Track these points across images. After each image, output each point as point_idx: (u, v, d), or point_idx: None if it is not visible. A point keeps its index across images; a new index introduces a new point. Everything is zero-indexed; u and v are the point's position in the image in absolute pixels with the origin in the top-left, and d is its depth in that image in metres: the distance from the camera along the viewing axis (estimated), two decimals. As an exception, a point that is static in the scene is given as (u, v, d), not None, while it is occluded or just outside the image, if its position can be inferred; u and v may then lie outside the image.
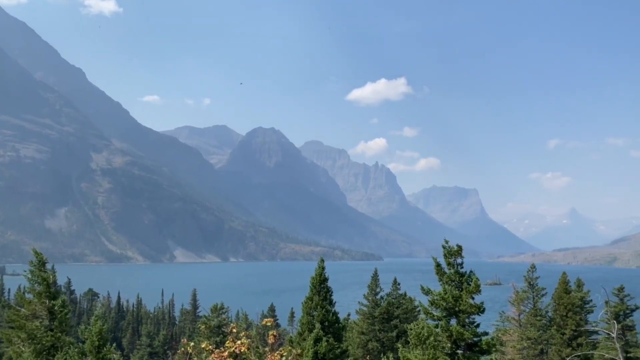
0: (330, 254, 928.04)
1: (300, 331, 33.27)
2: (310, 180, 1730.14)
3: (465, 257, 24.81)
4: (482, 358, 22.88)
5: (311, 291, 32.66)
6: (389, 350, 48.82)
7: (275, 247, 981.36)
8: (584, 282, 52.85)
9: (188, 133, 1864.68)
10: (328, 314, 31.68)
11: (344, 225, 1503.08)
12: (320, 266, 32.76)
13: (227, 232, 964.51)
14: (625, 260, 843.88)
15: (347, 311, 70.35)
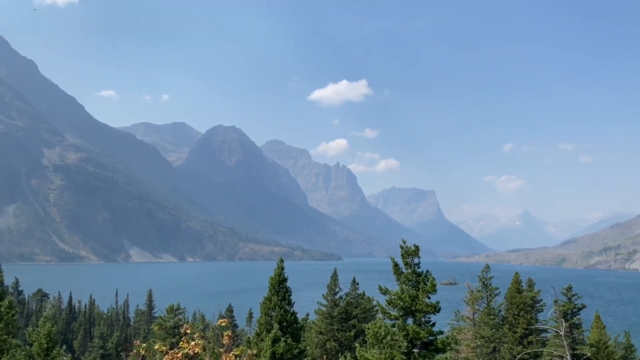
0: (290, 254, 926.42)
1: (258, 331, 33.02)
2: (271, 179, 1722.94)
3: (422, 257, 25.20)
4: (437, 357, 23.27)
5: (270, 291, 32.45)
6: (346, 350, 49.08)
7: (235, 247, 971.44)
8: (535, 282, 54.55)
9: (145, 130, 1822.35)
10: (286, 314, 31.55)
11: (304, 225, 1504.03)
12: (280, 266, 32.60)
13: (184, 232, 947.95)
14: (573, 261, 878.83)
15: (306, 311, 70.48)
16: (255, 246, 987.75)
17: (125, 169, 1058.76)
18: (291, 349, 28.49)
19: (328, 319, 54.79)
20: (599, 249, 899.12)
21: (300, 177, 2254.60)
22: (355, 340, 49.97)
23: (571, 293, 46.86)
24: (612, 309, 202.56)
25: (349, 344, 51.08)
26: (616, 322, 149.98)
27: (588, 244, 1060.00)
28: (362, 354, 22.85)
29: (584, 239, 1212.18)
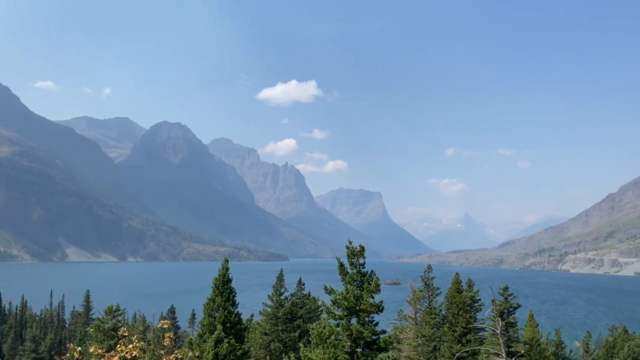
0: (236, 255, 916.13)
1: (200, 333, 32.37)
2: (218, 178, 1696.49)
3: (367, 257, 25.45)
4: (379, 356, 23.56)
5: (214, 292, 31.88)
6: (291, 351, 48.98)
7: (178, 246, 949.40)
8: (474, 282, 56.38)
9: (86, 124, 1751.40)
10: (230, 315, 31.11)
11: (251, 225, 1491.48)
12: (224, 267, 32.08)
13: (125, 231, 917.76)
14: (510, 262, 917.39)
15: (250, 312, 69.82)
16: (200, 246, 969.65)
17: (64, 165, 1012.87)
18: (234, 350, 28.11)
19: (273, 319, 54.52)
20: (534, 251, 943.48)
21: (247, 176, 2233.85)
22: (299, 340, 49.96)
23: (507, 293, 48.67)
24: (544, 308, 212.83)
25: (294, 345, 51.00)
26: (548, 320, 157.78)
27: (524, 246, 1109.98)
28: (306, 354, 22.83)
29: (520, 241, 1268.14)
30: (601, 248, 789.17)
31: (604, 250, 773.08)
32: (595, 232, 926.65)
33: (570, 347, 74.93)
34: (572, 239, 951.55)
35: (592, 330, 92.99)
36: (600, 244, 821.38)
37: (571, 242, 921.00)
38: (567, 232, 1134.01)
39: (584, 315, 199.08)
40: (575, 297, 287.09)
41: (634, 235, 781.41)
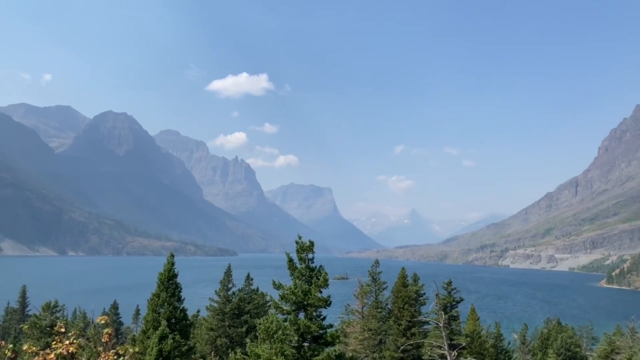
0: (183, 249, 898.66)
1: (144, 329, 31.51)
2: (165, 171, 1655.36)
3: (316, 252, 25.58)
4: (326, 350, 23.71)
5: (158, 287, 31.10)
6: (237, 346, 48.55)
7: (122, 241, 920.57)
8: (419, 277, 57.70)
9: (24, 111, 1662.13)
10: (176, 311, 30.45)
11: (198, 219, 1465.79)
12: (170, 261, 31.34)
13: (66, 224, 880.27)
14: (454, 257, 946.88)
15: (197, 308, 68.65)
16: (145, 240, 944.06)
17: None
18: (179, 346, 27.54)
19: (220, 315, 53.84)
20: (476, 247, 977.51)
21: (196, 170, 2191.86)
22: (246, 336, 49.57)
23: (451, 287, 50.05)
24: (485, 302, 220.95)
25: (241, 340, 50.58)
26: (489, 314, 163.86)
27: (467, 242, 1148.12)
28: (253, 350, 22.67)
29: (464, 237, 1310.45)
30: (539, 244, 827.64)
31: (541, 246, 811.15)
32: (534, 229, 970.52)
33: (509, 339, 78.21)
34: (512, 236, 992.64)
35: (529, 323, 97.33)
36: (538, 241, 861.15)
37: (511, 238, 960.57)
38: (507, 229, 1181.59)
39: (522, 309, 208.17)
40: (514, 291, 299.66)
41: (569, 232, 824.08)
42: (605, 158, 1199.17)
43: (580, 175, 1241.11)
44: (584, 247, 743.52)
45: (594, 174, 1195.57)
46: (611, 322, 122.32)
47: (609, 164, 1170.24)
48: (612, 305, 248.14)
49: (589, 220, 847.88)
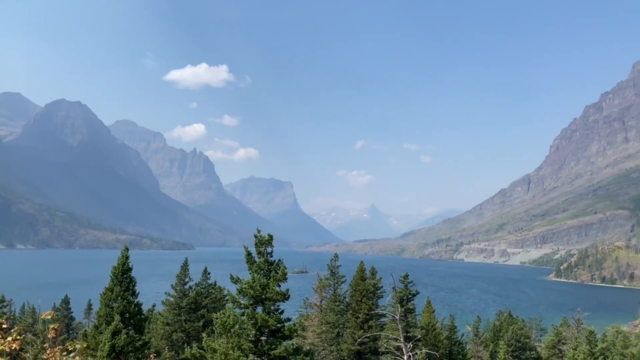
0: (138, 243, 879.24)
1: (97, 324, 30.63)
2: (120, 162, 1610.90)
3: (276, 246, 25.48)
4: (283, 343, 23.69)
5: (112, 281, 30.26)
6: (194, 341, 47.92)
7: (74, 233, 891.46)
8: (377, 271, 58.40)
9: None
10: (130, 305, 29.71)
11: (155, 212, 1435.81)
12: (124, 255, 30.53)
13: (14, 216, 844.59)
14: (411, 251, 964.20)
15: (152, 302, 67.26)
16: (99, 233, 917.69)
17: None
18: (133, 341, 26.90)
19: (176, 309, 52.96)
20: (432, 241, 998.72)
21: (152, 161, 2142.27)
22: (203, 330, 48.99)
23: (407, 281, 50.91)
24: (441, 295, 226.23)
25: (197, 335, 49.92)
26: (444, 307, 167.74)
27: (424, 236, 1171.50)
28: (209, 344, 22.39)
29: (421, 232, 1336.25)
30: (492, 239, 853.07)
31: (494, 241, 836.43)
32: (488, 225, 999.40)
33: (462, 331, 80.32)
34: (467, 230, 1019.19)
35: (482, 316, 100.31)
36: (491, 235, 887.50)
37: (466, 233, 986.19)
38: (463, 223, 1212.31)
39: (475, 302, 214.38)
40: (468, 285, 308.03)
41: (521, 227, 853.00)
42: (556, 156, 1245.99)
43: (532, 172, 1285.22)
44: (535, 242, 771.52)
45: (545, 172, 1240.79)
46: (558, 314, 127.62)
47: (559, 162, 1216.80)
48: (559, 297, 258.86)
49: (540, 216, 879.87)
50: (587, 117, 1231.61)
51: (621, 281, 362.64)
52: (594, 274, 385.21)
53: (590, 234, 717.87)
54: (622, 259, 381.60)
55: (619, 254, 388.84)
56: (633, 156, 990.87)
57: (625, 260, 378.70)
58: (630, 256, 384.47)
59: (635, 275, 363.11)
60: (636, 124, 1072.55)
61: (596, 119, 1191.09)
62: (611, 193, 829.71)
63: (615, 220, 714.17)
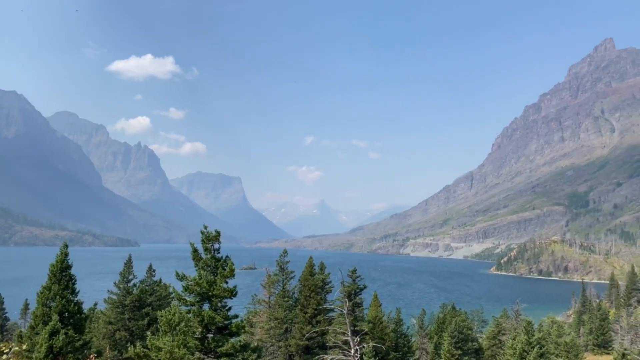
0: (79, 239, 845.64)
1: (33, 324, 29.21)
2: (59, 156, 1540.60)
3: (224, 242, 25.15)
4: (231, 340, 23.44)
5: (50, 280, 28.94)
6: (138, 339, 46.65)
7: (9, 230, 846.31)
8: (326, 266, 58.72)
9: None
10: (69, 304, 28.52)
11: (97, 208, 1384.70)
12: (63, 252, 29.26)
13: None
14: (359, 246, 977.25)
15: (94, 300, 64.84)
16: (36, 230, 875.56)
17: None
18: (73, 341, 25.86)
19: (119, 307, 51.36)
20: (380, 236, 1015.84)
21: (94, 155, 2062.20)
22: (148, 328, 47.76)
23: (355, 275, 51.57)
24: (388, 290, 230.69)
25: (141, 333, 48.64)
26: (391, 301, 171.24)
27: (372, 231, 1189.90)
28: (154, 342, 21.83)
29: (369, 227, 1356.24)
30: (437, 234, 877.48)
31: (439, 236, 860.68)
32: (433, 220, 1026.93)
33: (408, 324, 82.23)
34: (413, 226, 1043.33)
35: (427, 309, 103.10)
36: (436, 230, 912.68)
37: (412, 228, 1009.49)
38: (409, 219, 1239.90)
39: (421, 295, 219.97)
40: (415, 279, 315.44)
41: (464, 223, 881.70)
42: (497, 154, 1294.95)
43: (475, 169, 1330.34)
44: (477, 237, 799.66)
45: (487, 169, 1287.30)
46: (499, 306, 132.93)
47: (500, 160, 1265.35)
48: (500, 290, 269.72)
49: (482, 211, 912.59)
50: (527, 117, 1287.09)
51: (556, 274, 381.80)
52: (531, 267, 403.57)
53: (528, 229, 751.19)
54: (557, 252, 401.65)
55: (555, 248, 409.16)
56: (568, 155, 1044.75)
57: (560, 253, 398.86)
58: (565, 250, 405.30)
59: (569, 268, 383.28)
60: (571, 125, 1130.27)
61: (535, 119, 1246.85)
62: (548, 190, 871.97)
63: (551, 215, 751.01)
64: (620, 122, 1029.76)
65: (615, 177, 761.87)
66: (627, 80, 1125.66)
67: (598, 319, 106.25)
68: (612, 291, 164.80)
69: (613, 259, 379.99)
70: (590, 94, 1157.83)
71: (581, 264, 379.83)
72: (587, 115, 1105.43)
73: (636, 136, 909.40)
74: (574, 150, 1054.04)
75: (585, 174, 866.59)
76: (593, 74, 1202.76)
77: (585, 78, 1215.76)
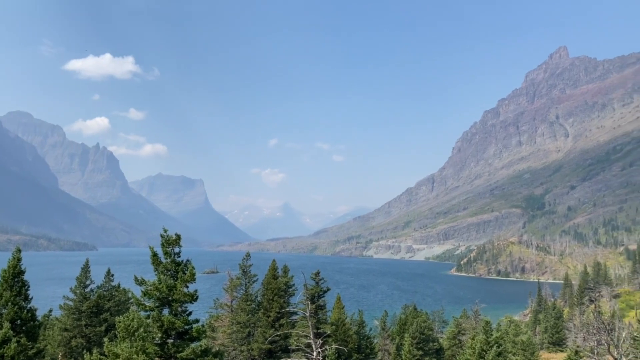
0: (33, 244, 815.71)
1: (-18, 334, 28.02)
2: (13, 157, 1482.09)
3: (185, 246, 24.78)
4: (191, 345, 23.11)
5: (1, 286, 27.82)
6: (95, 346, 45.38)
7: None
8: (289, 269, 58.62)
9: None
10: (21, 311, 27.49)
11: (52, 211, 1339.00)
12: (16, 257, 28.20)
13: None
14: (323, 249, 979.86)
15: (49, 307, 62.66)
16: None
17: None
18: (25, 349, 24.94)
19: (75, 314, 49.80)
20: (344, 238, 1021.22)
21: (50, 156, 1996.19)
22: (106, 335, 46.51)
23: (319, 278, 51.63)
24: (351, 292, 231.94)
25: (99, 340, 47.33)
26: (354, 303, 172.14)
27: (336, 234, 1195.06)
28: (111, 349, 21.29)
29: (332, 229, 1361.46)
30: (399, 236, 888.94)
31: (401, 237, 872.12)
32: (395, 222, 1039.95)
33: (371, 326, 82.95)
34: (376, 228, 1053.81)
35: (389, 310, 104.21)
36: (398, 232, 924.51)
37: (375, 230, 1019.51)
38: (372, 221, 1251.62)
39: (383, 297, 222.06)
40: (378, 281, 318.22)
41: (425, 225, 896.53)
42: (458, 158, 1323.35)
43: (436, 172, 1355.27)
44: (438, 239, 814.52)
45: (448, 172, 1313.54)
46: (459, 307, 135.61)
47: (460, 163, 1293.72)
48: (460, 291, 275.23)
49: (443, 214, 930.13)
50: (486, 122, 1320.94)
51: (514, 274, 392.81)
52: (490, 268, 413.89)
53: (487, 230, 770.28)
54: (515, 253, 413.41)
55: (512, 249, 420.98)
56: (525, 159, 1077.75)
57: (518, 254, 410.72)
58: (522, 251, 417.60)
59: (526, 268, 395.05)
60: (528, 129, 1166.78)
61: (494, 124, 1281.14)
62: (506, 192, 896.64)
63: (509, 217, 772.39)
64: (573, 127, 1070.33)
65: (569, 181, 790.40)
66: (580, 87, 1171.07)
67: (553, 317, 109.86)
68: (566, 290, 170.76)
69: (567, 259, 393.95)
70: (546, 99, 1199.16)
71: (537, 265, 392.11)
72: (543, 121, 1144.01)
73: (588, 141, 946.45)
74: (531, 154, 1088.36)
75: (541, 177, 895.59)
76: (548, 80, 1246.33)
77: (541, 84, 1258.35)
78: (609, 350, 37.44)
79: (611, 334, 38.08)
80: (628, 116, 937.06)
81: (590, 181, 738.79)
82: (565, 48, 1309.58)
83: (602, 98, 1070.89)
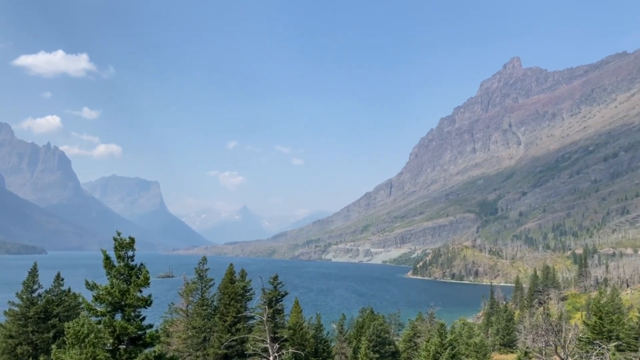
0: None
1: None
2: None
3: (140, 249, 24.30)
4: (144, 351, 22.57)
5: (-60, 291, 26.43)
6: (42, 353, 43.68)
7: None
8: (247, 273, 58.10)
9: None
10: (-38, 318, 26.19)
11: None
12: (-43, 260, 26.83)
13: None
14: (282, 253, 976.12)
15: (-8, 313, 59.83)
16: None
17: None
18: (-34, 359, 23.77)
19: (21, 320, 47.76)
20: (303, 242, 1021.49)
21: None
22: (54, 341, 44.83)
23: (277, 282, 51.43)
24: (310, 296, 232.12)
25: (46, 347, 45.57)
26: (313, 307, 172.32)
27: (295, 238, 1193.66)
28: (59, 356, 20.53)
29: (291, 233, 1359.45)
30: (358, 239, 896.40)
31: (359, 241, 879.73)
32: (354, 226, 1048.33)
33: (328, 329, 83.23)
34: (335, 231, 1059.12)
35: (347, 313, 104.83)
36: (357, 236, 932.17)
37: (334, 234, 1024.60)
38: (331, 225, 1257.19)
39: (341, 301, 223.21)
40: (336, 285, 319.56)
41: (383, 228, 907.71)
42: (415, 163, 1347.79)
43: (394, 177, 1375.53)
44: (395, 242, 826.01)
45: (405, 177, 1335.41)
46: (415, 310, 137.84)
47: (417, 169, 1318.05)
48: (416, 294, 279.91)
49: (400, 218, 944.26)
50: (442, 128, 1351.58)
51: (468, 277, 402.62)
52: (445, 271, 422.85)
53: (442, 234, 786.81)
54: (468, 257, 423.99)
55: (467, 253, 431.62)
56: (479, 165, 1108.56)
57: (472, 258, 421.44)
58: (476, 255, 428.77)
59: (480, 272, 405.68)
60: (482, 137, 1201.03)
61: (449, 130, 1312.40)
62: (460, 198, 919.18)
63: (463, 222, 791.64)
64: (525, 136, 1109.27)
65: (520, 187, 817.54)
66: (531, 96, 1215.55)
67: (504, 320, 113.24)
68: (517, 293, 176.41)
69: (518, 263, 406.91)
70: (500, 108, 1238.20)
71: (490, 268, 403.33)
72: (497, 128, 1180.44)
73: (539, 149, 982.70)
74: (485, 160, 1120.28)
75: (494, 183, 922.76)
76: (502, 89, 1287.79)
77: (495, 93, 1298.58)
78: (556, 351, 38.89)
79: (558, 335, 39.58)
80: (576, 126, 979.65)
81: (540, 187, 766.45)
82: (519, 59, 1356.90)
83: (552, 108, 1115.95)
